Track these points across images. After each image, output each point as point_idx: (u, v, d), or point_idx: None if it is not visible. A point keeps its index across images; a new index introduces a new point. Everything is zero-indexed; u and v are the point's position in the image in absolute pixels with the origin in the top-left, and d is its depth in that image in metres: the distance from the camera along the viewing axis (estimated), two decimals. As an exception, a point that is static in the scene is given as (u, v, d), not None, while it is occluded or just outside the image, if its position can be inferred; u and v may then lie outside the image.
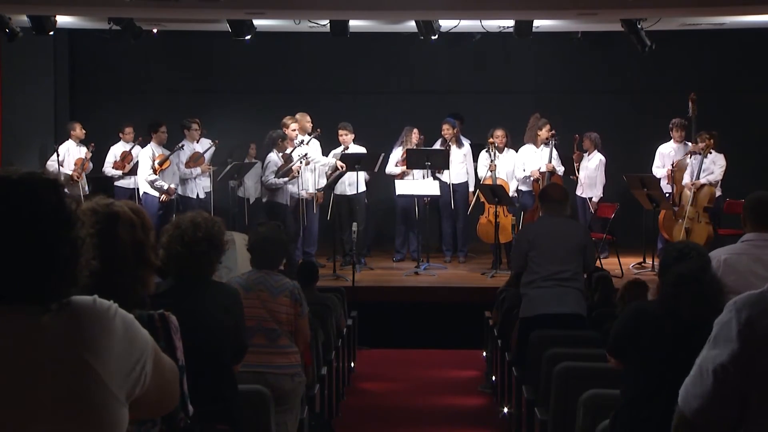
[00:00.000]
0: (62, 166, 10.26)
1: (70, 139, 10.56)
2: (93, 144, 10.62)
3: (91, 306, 1.59)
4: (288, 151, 9.44)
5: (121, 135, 10.74)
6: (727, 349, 1.92)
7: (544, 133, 9.89)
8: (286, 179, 9.25)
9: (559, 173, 9.89)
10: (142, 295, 2.21)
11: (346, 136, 10.07)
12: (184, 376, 2.13)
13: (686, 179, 9.44)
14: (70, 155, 10.46)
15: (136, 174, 10.14)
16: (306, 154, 9.65)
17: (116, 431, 1.57)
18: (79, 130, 10.58)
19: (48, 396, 1.50)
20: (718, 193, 9.48)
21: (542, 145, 9.90)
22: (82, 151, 10.56)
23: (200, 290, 3.44)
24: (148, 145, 9.95)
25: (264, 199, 9.43)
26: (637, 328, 3.38)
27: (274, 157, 9.27)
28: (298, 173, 9.39)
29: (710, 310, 3.05)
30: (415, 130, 10.21)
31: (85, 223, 1.62)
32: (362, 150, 10.03)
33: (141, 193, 9.85)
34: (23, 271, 1.52)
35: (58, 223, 1.56)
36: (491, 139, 10.02)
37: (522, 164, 9.93)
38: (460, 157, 10.15)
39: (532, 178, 9.84)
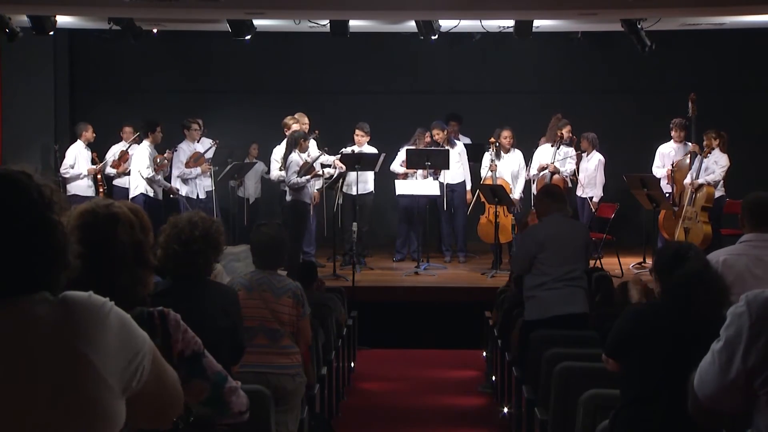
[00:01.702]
0: (72, 169, 10.19)
1: (79, 141, 10.37)
2: (100, 164, 10.43)
3: (86, 300, 1.59)
4: (305, 154, 9.47)
5: (121, 135, 10.72)
6: (737, 342, 2.02)
7: (564, 133, 10.00)
8: (308, 177, 9.26)
9: (566, 173, 9.93)
10: (143, 294, 2.23)
11: (362, 138, 10.06)
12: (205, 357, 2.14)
13: (687, 179, 9.45)
14: (81, 158, 10.30)
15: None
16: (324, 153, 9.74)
17: (113, 422, 1.57)
18: (90, 133, 10.41)
19: (43, 387, 1.50)
20: (720, 193, 9.47)
21: (562, 145, 9.99)
22: (89, 156, 10.39)
23: (198, 290, 3.44)
24: (144, 143, 9.87)
25: (288, 198, 9.38)
26: (636, 329, 3.38)
27: (295, 158, 9.24)
28: (323, 173, 9.46)
29: (717, 309, 3.06)
30: (427, 132, 10.16)
31: (63, 207, 1.62)
32: (374, 150, 9.98)
33: (136, 192, 9.67)
34: (19, 263, 1.53)
35: (43, 210, 1.56)
36: (492, 139, 10.03)
37: (538, 163, 10.05)
38: (455, 157, 10.12)
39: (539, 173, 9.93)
